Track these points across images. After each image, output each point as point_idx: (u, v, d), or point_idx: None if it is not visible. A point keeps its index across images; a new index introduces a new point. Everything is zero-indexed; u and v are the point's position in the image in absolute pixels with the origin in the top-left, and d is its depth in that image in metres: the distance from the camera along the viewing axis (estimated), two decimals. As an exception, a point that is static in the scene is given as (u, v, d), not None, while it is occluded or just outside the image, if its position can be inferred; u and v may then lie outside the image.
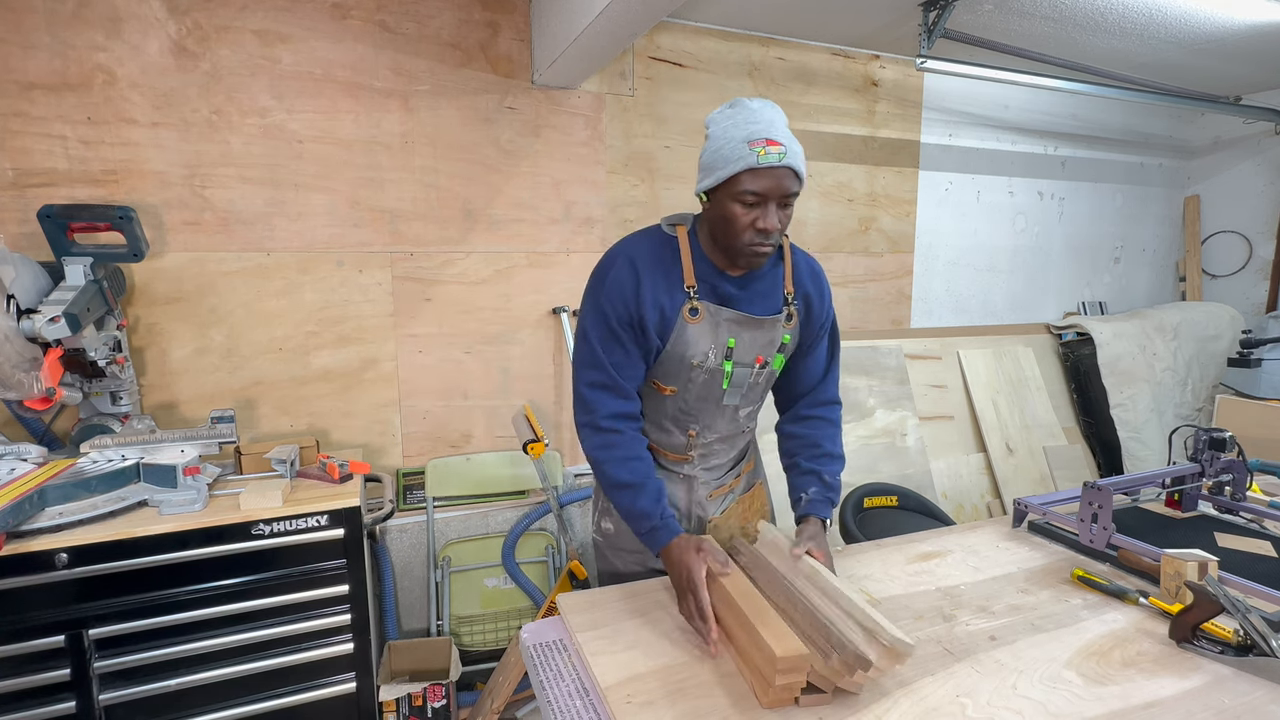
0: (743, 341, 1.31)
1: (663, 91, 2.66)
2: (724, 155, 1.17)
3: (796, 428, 1.45)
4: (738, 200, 1.18)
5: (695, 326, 1.27)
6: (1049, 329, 3.69)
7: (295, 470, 1.92)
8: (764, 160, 1.13)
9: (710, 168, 1.20)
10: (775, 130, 1.16)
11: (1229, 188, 3.97)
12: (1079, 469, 3.35)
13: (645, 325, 1.25)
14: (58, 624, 1.54)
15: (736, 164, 1.15)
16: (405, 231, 2.33)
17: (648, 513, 1.22)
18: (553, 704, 1.02)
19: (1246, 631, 1.08)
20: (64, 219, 1.83)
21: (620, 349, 1.26)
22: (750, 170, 1.15)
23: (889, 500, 2.45)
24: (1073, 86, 2.96)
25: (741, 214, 1.18)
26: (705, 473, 1.45)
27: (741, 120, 1.17)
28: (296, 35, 2.11)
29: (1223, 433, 1.70)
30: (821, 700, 0.99)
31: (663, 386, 1.34)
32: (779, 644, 0.97)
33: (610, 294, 1.25)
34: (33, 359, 1.68)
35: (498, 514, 2.54)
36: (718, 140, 1.19)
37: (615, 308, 1.24)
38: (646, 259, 1.27)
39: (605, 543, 1.50)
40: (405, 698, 1.99)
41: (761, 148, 1.13)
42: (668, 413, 1.38)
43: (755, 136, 1.14)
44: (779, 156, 1.14)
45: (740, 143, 1.15)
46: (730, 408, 1.38)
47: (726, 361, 1.30)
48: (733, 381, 1.33)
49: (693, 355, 1.28)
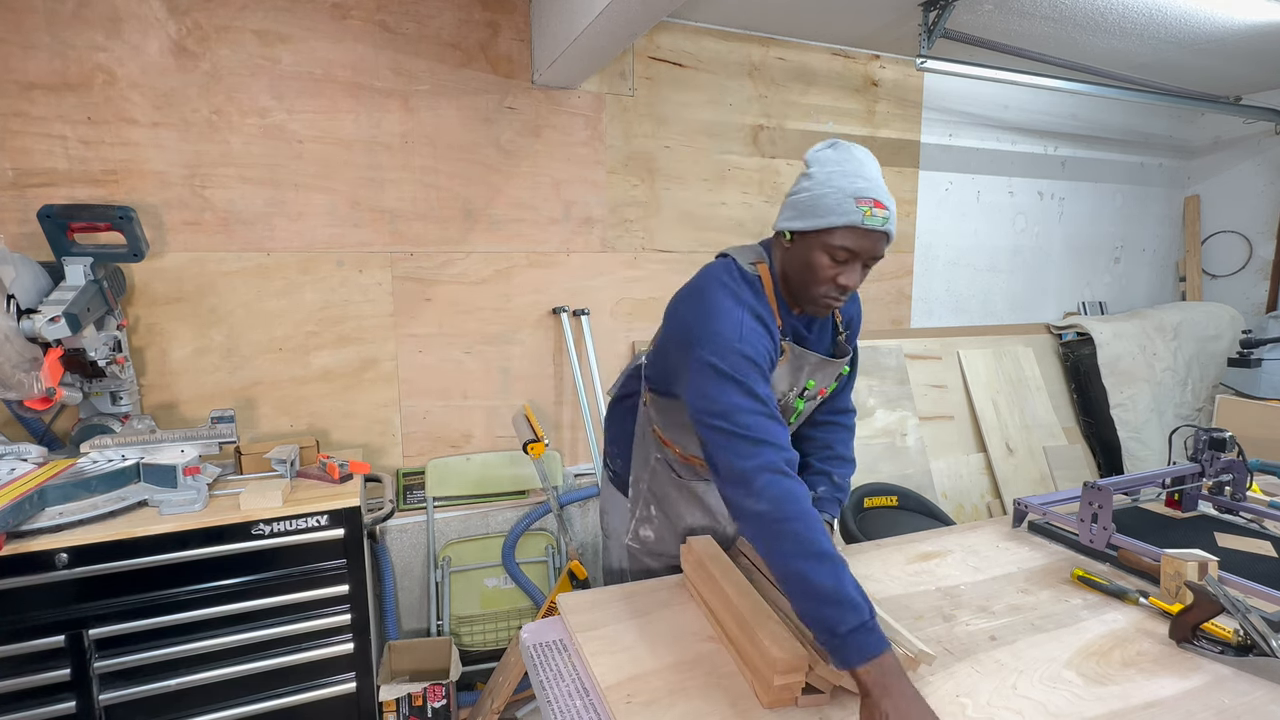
0: (817, 379, 1.33)
1: (663, 91, 2.66)
2: (827, 204, 1.12)
3: (812, 430, 1.49)
4: (829, 253, 1.14)
5: (781, 367, 1.26)
6: (1049, 329, 3.69)
7: (295, 470, 1.92)
8: (869, 222, 1.11)
9: (808, 211, 1.15)
10: (882, 192, 1.13)
11: (1229, 188, 3.97)
12: (1079, 469, 3.35)
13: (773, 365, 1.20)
14: (58, 624, 1.54)
15: (840, 217, 1.11)
16: (405, 231, 2.33)
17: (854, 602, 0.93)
18: (553, 704, 1.02)
19: (1246, 631, 1.08)
20: (64, 219, 1.83)
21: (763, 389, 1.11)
22: (853, 228, 1.12)
23: (889, 500, 2.45)
24: (1073, 86, 2.96)
25: (827, 266, 1.15)
26: None
27: (851, 171, 1.13)
28: (296, 35, 2.11)
29: (1223, 433, 1.70)
30: (820, 700, 0.99)
31: None
32: (777, 646, 0.97)
33: (747, 339, 1.13)
34: (33, 359, 1.68)
35: (498, 514, 2.54)
36: (822, 185, 1.14)
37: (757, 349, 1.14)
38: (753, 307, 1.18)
39: (643, 550, 1.51)
40: (405, 698, 1.99)
41: (869, 208, 1.10)
42: None
43: (864, 194, 1.11)
44: (883, 221, 1.12)
45: (848, 196, 1.11)
46: None
47: (799, 400, 1.32)
48: (800, 414, 1.36)
49: (777, 394, 1.27)
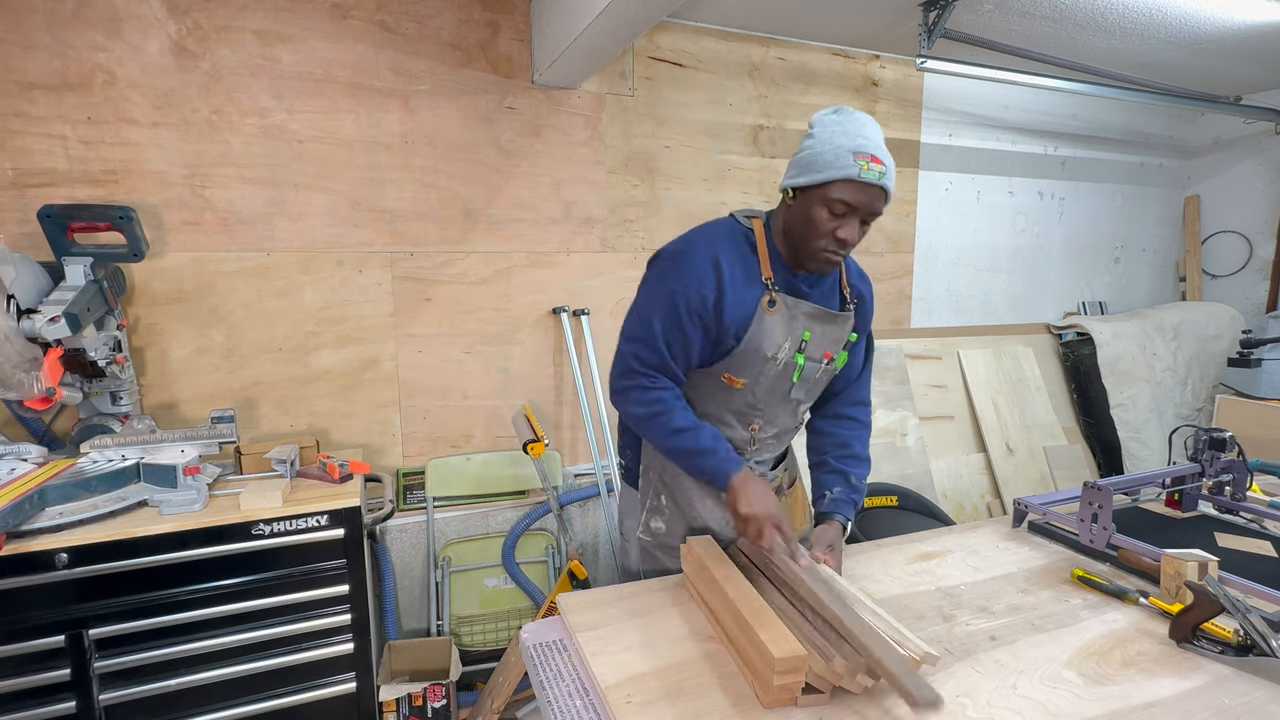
0: (816, 336, 1.33)
1: (663, 91, 2.66)
2: (826, 159, 1.18)
3: (829, 425, 1.48)
4: (827, 206, 1.19)
5: (772, 318, 1.28)
6: (1049, 329, 3.69)
7: (295, 470, 1.92)
8: (865, 175, 1.15)
9: (809, 167, 1.21)
10: (881, 149, 1.18)
11: (1229, 188, 3.97)
12: (1079, 469, 3.35)
13: (723, 318, 1.26)
14: (58, 624, 1.54)
15: (837, 171, 1.16)
16: (405, 231, 2.33)
17: (711, 449, 1.26)
18: (553, 704, 1.03)
19: (1246, 631, 1.08)
20: (64, 219, 1.83)
21: (679, 333, 1.27)
22: (849, 181, 1.16)
23: (889, 500, 2.46)
24: (1073, 86, 2.96)
25: (826, 220, 1.20)
26: (758, 465, 1.47)
27: (851, 129, 1.19)
28: (296, 35, 2.11)
29: (1223, 433, 1.70)
30: (820, 700, 0.99)
31: (734, 379, 1.33)
32: (777, 645, 0.97)
33: (688, 285, 1.25)
34: (33, 359, 1.68)
35: (498, 514, 2.54)
36: (823, 142, 1.20)
37: (691, 300, 1.25)
38: (728, 253, 1.27)
39: (655, 542, 1.49)
40: (405, 698, 1.99)
41: (866, 162, 1.15)
42: (734, 406, 1.37)
43: (862, 150, 1.16)
44: (879, 175, 1.16)
45: (846, 151, 1.16)
46: (794, 402, 1.40)
47: (799, 355, 1.32)
48: (803, 375, 1.34)
49: (768, 348, 1.29)
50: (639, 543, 1.53)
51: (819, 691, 0.99)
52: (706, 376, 1.35)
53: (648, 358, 1.29)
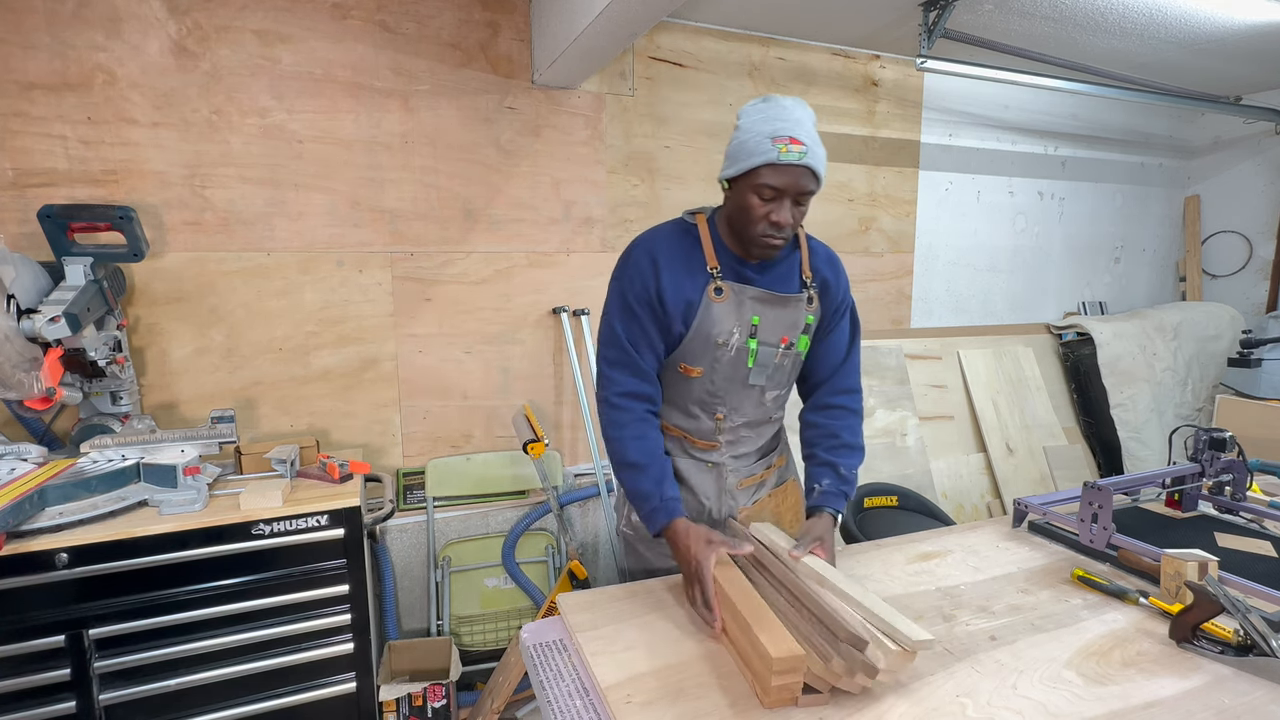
0: (767, 319, 1.34)
1: (663, 91, 2.66)
2: (748, 148, 1.21)
3: (817, 416, 1.47)
4: (756, 192, 1.23)
5: (720, 305, 1.31)
6: (1049, 329, 3.69)
7: (295, 470, 1.92)
8: (785, 157, 1.18)
9: (734, 157, 1.25)
10: (801, 129, 1.20)
11: (1229, 188, 3.97)
12: (1079, 469, 3.35)
13: (666, 307, 1.30)
14: (58, 624, 1.54)
15: (759, 157, 1.19)
16: (405, 231, 2.33)
17: (648, 494, 1.28)
18: (553, 704, 1.02)
19: (1246, 631, 1.08)
20: (64, 219, 1.83)
21: (637, 326, 1.31)
22: (771, 165, 1.19)
23: (889, 500, 2.46)
24: (1073, 86, 2.96)
25: (758, 206, 1.23)
26: (734, 460, 1.46)
27: (771, 115, 1.21)
28: (296, 35, 2.11)
29: (1223, 433, 1.70)
30: (819, 700, 0.99)
31: (690, 369, 1.36)
32: (775, 645, 0.97)
33: (631, 279, 1.31)
34: (33, 359, 1.68)
35: (498, 514, 2.54)
36: (745, 132, 1.23)
37: (633, 288, 1.31)
38: (665, 246, 1.33)
39: (635, 535, 1.49)
40: (405, 698, 1.99)
41: (784, 145, 1.18)
42: (695, 396, 1.39)
43: (780, 134, 1.18)
44: (800, 155, 1.18)
45: (765, 137, 1.19)
46: (756, 390, 1.40)
47: (751, 340, 1.33)
48: (758, 360, 1.35)
49: (718, 334, 1.31)
50: (623, 536, 1.53)
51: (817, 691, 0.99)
52: (666, 369, 1.38)
53: (613, 355, 1.33)
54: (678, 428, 1.44)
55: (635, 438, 1.31)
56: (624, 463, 1.31)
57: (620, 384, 1.32)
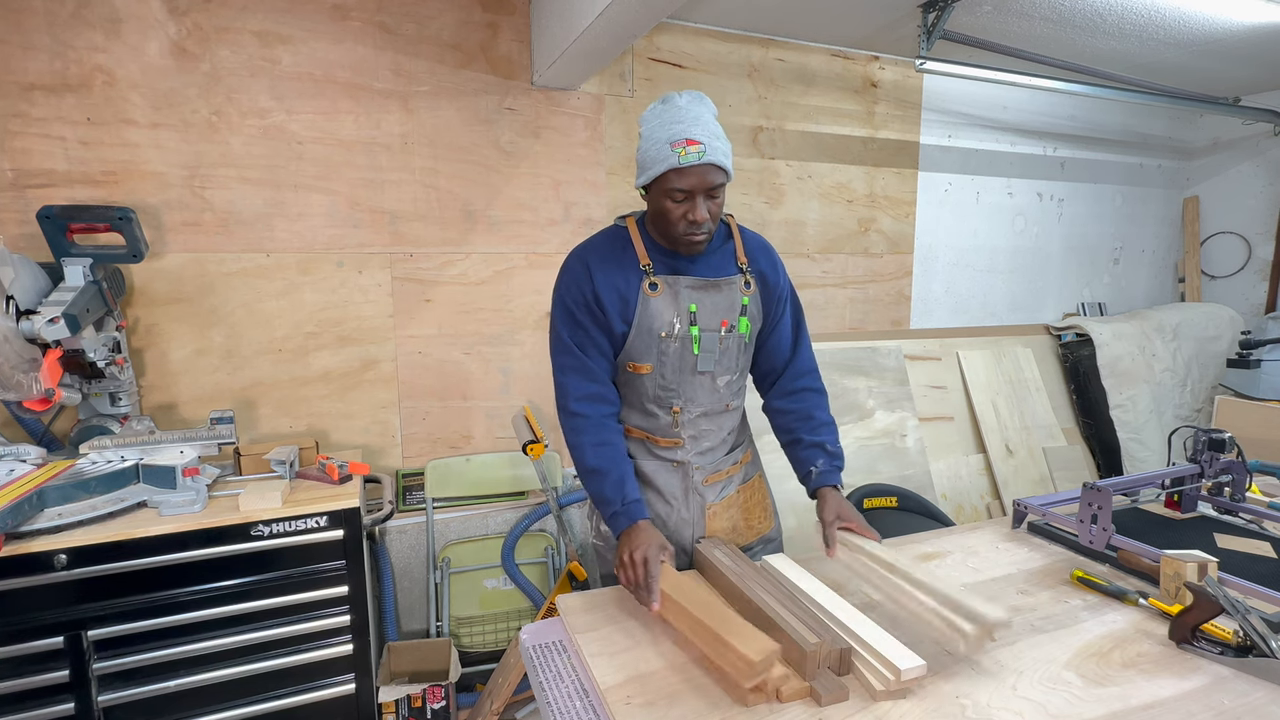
0: (704, 306, 1.37)
1: (662, 92, 2.64)
2: (651, 155, 1.26)
3: (785, 402, 1.50)
4: (668, 196, 1.26)
5: (657, 300, 1.35)
6: (1048, 330, 3.69)
7: (295, 471, 1.92)
8: (685, 160, 1.21)
9: (642, 166, 1.29)
10: (698, 128, 1.23)
11: (1228, 189, 3.97)
12: (1078, 470, 3.35)
13: (603, 306, 1.34)
14: (57, 625, 1.54)
15: (662, 164, 1.23)
16: (405, 232, 2.33)
17: (610, 499, 1.31)
18: (552, 705, 1.02)
19: (1246, 632, 1.08)
20: (63, 220, 1.83)
21: (581, 330, 1.36)
22: (675, 170, 1.23)
23: (889, 501, 2.45)
24: (1072, 88, 2.96)
25: (673, 208, 1.27)
26: (699, 457, 1.46)
27: (668, 119, 1.25)
28: (296, 36, 2.11)
29: (1222, 433, 1.70)
30: (820, 701, 0.99)
31: (638, 366, 1.39)
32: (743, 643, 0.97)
33: (567, 286, 1.37)
34: (32, 360, 1.68)
35: (497, 515, 2.54)
36: (647, 140, 1.28)
37: (573, 295, 1.35)
38: (596, 252, 1.38)
39: (605, 545, 1.50)
40: (405, 699, 1.99)
41: (682, 148, 1.22)
42: (649, 394, 1.41)
43: (677, 137, 1.22)
44: (699, 155, 1.22)
45: (664, 143, 1.23)
46: (707, 377, 1.41)
47: (693, 327, 1.36)
48: (702, 346, 1.38)
49: (660, 328, 1.35)
50: (594, 547, 1.55)
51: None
52: (618, 371, 1.42)
53: (565, 362, 1.37)
54: (638, 429, 1.46)
55: (595, 444, 1.34)
56: (585, 469, 1.34)
57: (575, 389, 1.36)
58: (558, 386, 1.39)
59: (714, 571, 1.29)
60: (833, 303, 3.14)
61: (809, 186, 3.01)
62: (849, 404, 2.96)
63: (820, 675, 1.01)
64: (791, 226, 2.99)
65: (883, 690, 0.99)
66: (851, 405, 2.97)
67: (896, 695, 1.00)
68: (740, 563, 1.31)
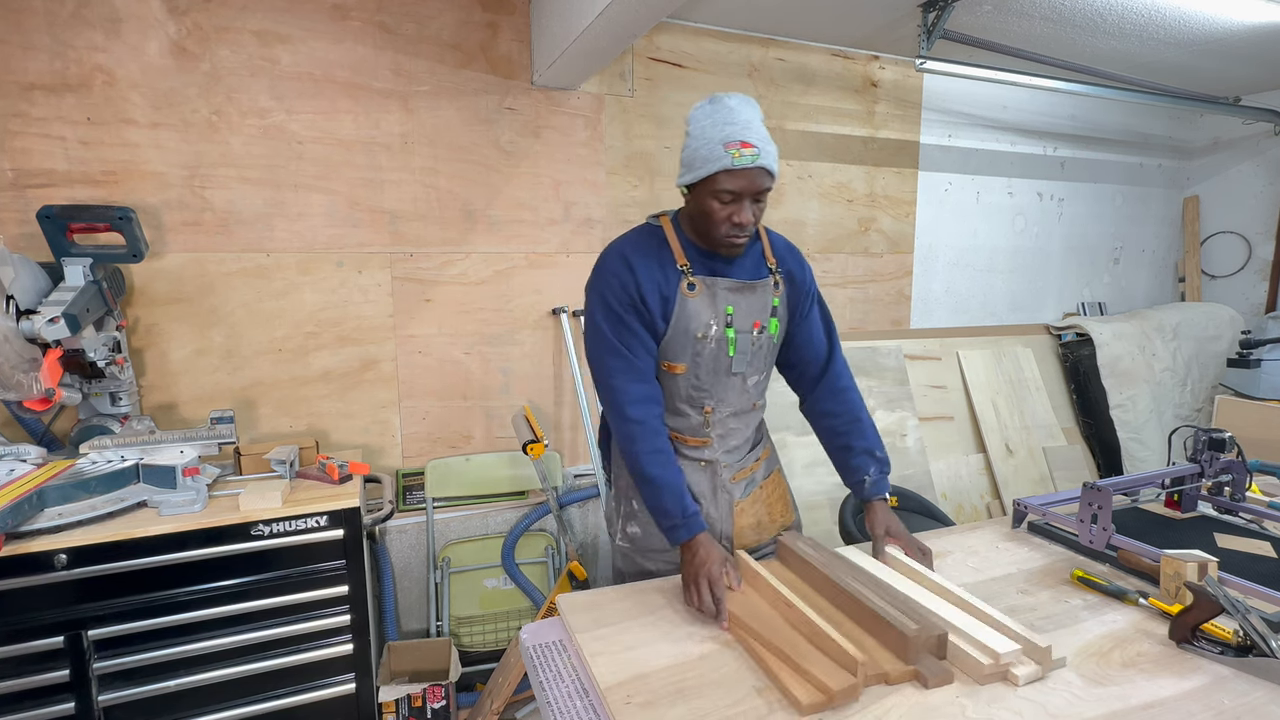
0: (740, 308, 1.37)
1: (662, 92, 2.66)
2: (702, 155, 1.24)
3: (832, 404, 1.50)
4: (715, 197, 1.25)
5: (695, 300, 1.34)
6: (1048, 329, 3.69)
7: (295, 471, 1.92)
8: (739, 162, 1.21)
9: (690, 165, 1.27)
10: (750, 132, 1.22)
11: (1228, 188, 3.97)
12: (1078, 470, 3.35)
13: (647, 304, 1.32)
14: (57, 625, 1.54)
15: (714, 164, 1.22)
16: (405, 232, 2.33)
17: (669, 511, 1.29)
18: (552, 705, 1.02)
19: (1246, 632, 1.08)
20: (63, 220, 1.83)
21: (628, 330, 1.33)
22: (727, 171, 1.22)
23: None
24: (1072, 87, 2.96)
25: (719, 209, 1.26)
26: (726, 455, 1.47)
27: (720, 120, 1.24)
28: (296, 36, 2.11)
29: (1222, 433, 1.70)
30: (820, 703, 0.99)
31: (673, 365, 1.38)
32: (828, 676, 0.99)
33: (609, 283, 1.33)
34: (32, 360, 1.68)
35: (497, 515, 2.54)
36: (697, 139, 1.26)
37: (616, 294, 1.32)
38: (637, 249, 1.36)
39: (634, 548, 1.49)
40: (405, 698, 1.99)
41: (736, 150, 1.20)
42: (681, 394, 1.41)
43: (731, 139, 1.21)
44: (753, 158, 1.21)
45: (718, 144, 1.22)
46: (739, 378, 1.42)
47: (729, 329, 1.36)
48: (738, 348, 1.38)
49: (696, 328, 1.34)
50: (619, 549, 1.54)
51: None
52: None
53: (615, 365, 1.33)
54: (670, 428, 1.44)
55: (651, 451, 1.30)
56: (642, 477, 1.31)
57: (628, 393, 1.31)
58: (607, 390, 1.34)
59: (801, 563, 1.32)
60: (832, 302, 3.14)
61: (809, 186, 3.01)
62: (849, 404, 2.96)
63: (922, 659, 1.04)
64: (791, 226, 2.99)
65: (987, 672, 1.02)
66: (851, 405, 2.96)
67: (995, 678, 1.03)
68: (824, 554, 1.33)
